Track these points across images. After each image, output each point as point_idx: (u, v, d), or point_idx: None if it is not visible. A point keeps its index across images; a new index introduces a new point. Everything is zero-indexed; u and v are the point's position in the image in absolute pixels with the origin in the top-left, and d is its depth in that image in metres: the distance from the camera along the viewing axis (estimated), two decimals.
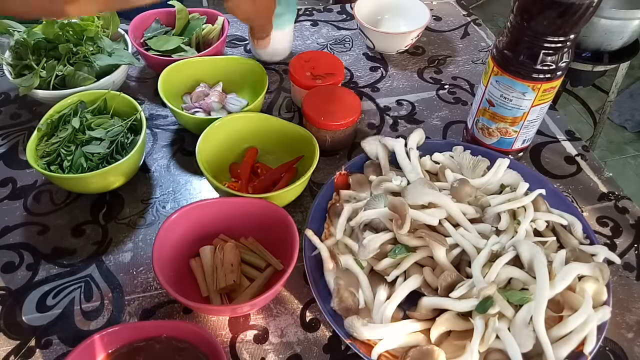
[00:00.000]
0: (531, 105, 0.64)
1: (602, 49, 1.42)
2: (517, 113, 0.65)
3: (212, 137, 0.67)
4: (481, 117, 0.69)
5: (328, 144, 0.74)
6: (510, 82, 0.62)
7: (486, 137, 0.70)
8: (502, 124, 0.67)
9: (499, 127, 0.68)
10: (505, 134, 0.69)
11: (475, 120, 0.71)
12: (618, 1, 1.46)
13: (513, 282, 0.54)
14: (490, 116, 0.68)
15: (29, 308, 0.58)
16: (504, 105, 0.65)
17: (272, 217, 0.59)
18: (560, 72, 0.60)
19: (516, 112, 0.65)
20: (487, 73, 0.66)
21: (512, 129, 0.67)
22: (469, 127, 0.74)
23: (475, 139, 0.73)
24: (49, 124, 0.68)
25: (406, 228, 0.54)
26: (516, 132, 0.68)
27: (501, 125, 0.68)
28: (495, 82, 0.64)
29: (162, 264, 0.54)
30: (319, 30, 1.01)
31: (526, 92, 0.62)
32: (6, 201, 0.68)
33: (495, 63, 0.63)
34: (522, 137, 0.69)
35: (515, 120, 0.66)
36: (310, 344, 0.56)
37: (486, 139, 0.70)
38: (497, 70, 0.63)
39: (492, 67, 0.64)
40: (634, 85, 2.27)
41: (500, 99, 0.65)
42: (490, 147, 0.71)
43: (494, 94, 0.65)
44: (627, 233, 0.67)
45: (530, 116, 0.65)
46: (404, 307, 0.56)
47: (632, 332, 0.58)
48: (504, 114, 0.66)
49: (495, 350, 0.51)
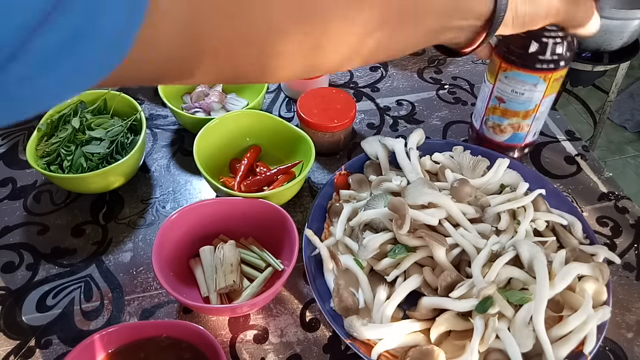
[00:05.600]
0: (542, 97, 0.64)
1: (602, 49, 1.42)
2: (530, 106, 0.65)
3: (210, 136, 0.68)
4: (491, 115, 0.69)
5: (325, 145, 0.74)
6: (521, 75, 0.62)
7: (497, 135, 0.70)
8: (514, 119, 0.67)
9: (511, 123, 0.68)
10: (518, 129, 0.68)
11: (484, 120, 0.70)
12: (618, 1, 1.46)
13: (513, 282, 0.54)
14: (502, 113, 0.67)
15: (29, 308, 0.58)
16: (515, 100, 0.65)
17: (272, 217, 0.59)
18: (569, 59, 0.61)
19: (528, 105, 0.65)
20: (494, 71, 0.65)
21: (524, 123, 0.67)
22: (475, 127, 0.73)
23: (484, 137, 0.72)
24: (49, 124, 0.68)
25: (406, 228, 0.54)
26: (529, 125, 0.67)
27: (514, 121, 0.67)
28: (505, 78, 0.64)
29: (162, 264, 0.54)
30: None
31: (537, 83, 0.62)
32: (6, 201, 0.68)
33: (503, 59, 0.63)
34: (533, 130, 0.69)
35: (527, 114, 0.66)
36: (310, 344, 0.56)
37: (497, 136, 0.70)
38: (506, 66, 0.63)
39: (499, 64, 0.64)
40: (634, 85, 2.27)
41: (512, 94, 0.64)
42: (502, 143, 0.71)
43: (504, 90, 0.65)
44: (627, 233, 0.67)
45: (542, 107, 0.65)
46: (404, 307, 0.56)
47: (631, 332, 0.58)
48: (517, 108, 0.66)
49: (495, 350, 0.51)
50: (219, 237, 0.62)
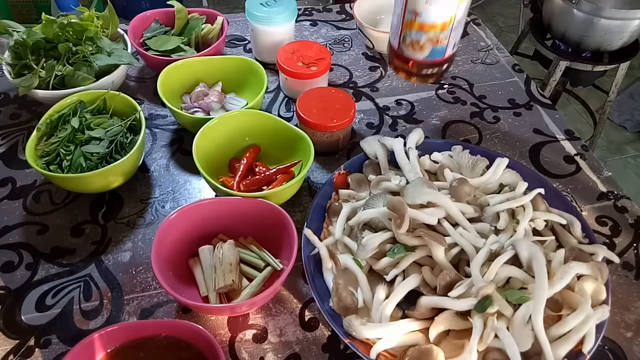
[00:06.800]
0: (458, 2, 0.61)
1: (602, 49, 1.42)
2: (446, 16, 0.62)
3: (209, 135, 0.68)
4: (408, 31, 0.65)
5: (324, 145, 0.74)
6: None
7: (417, 52, 0.67)
8: (432, 32, 0.64)
9: (429, 37, 0.64)
10: (436, 43, 0.65)
11: (402, 37, 0.67)
12: (618, 1, 1.46)
13: (512, 282, 0.54)
14: (419, 27, 0.64)
15: (28, 307, 0.58)
16: (431, 11, 0.62)
17: (271, 217, 0.59)
18: None
19: (445, 15, 0.62)
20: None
21: (442, 35, 0.64)
22: (394, 47, 0.70)
23: (404, 57, 0.69)
24: (49, 124, 0.68)
25: (405, 227, 0.54)
26: (447, 37, 0.65)
27: (431, 34, 0.64)
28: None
29: (161, 263, 0.54)
30: (319, 30, 1.01)
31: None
32: (5, 201, 0.68)
33: None
34: (452, 42, 0.66)
35: (445, 25, 0.63)
36: (309, 343, 0.56)
37: (417, 53, 0.67)
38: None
39: None
40: (634, 85, 2.27)
41: (427, 5, 0.61)
42: (423, 61, 0.68)
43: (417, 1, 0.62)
44: (626, 232, 0.67)
45: (458, 15, 0.63)
46: (403, 306, 0.56)
47: (631, 331, 0.58)
48: (433, 20, 0.63)
49: (494, 349, 0.51)
50: (218, 237, 0.62)
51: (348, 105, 0.73)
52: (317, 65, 0.79)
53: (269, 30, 0.86)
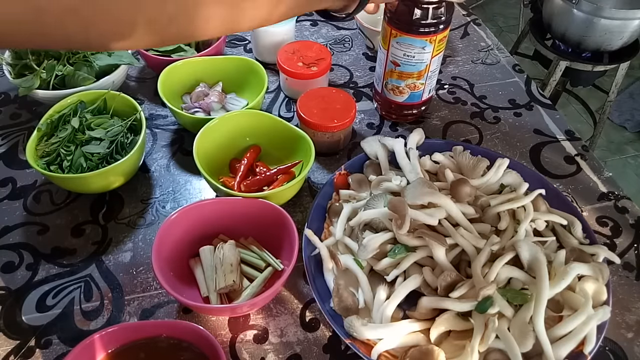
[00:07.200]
0: (431, 57, 0.71)
1: (602, 49, 1.42)
2: (421, 67, 0.72)
3: (210, 135, 0.68)
4: (389, 78, 0.75)
5: (325, 145, 0.74)
6: (410, 40, 0.69)
7: (398, 96, 0.76)
8: (410, 80, 0.74)
9: (407, 84, 0.74)
10: (414, 89, 0.75)
11: (384, 83, 0.77)
12: (618, 1, 1.47)
13: (513, 282, 0.54)
14: (398, 76, 0.74)
15: (29, 308, 0.58)
16: (408, 63, 0.71)
17: (272, 217, 0.59)
18: (448, 20, 0.68)
19: (420, 66, 0.72)
20: (386, 38, 0.71)
21: (419, 82, 0.74)
22: (378, 90, 0.79)
23: (387, 100, 0.78)
24: (49, 124, 0.68)
25: (406, 228, 0.54)
26: (423, 84, 0.75)
27: (409, 82, 0.74)
28: (397, 44, 0.70)
29: (161, 264, 0.54)
30: (319, 30, 1.01)
31: (425, 45, 0.69)
32: (6, 201, 0.68)
33: (392, 27, 0.69)
34: (427, 88, 0.76)
35: (420, 74, 0.73)
36: (310, 344, 0.56)
37: (398, 97, 0.77)
38: (396, 33, 0.69)
39: (389, 31, 0.70)
40: (634, 85, 2.27)
41: (405, 58, 0.71)
42: (403, 103, 0.77)
43: (397, 54, 0.71)
44: (626, 233, 0.67)
45: (432, 66, 0.73)
46: (404, 307, 0.56)
47: (631, 332, 0.58)
48: (410, 70, 0.72)
49: (495, 350, 0.51)
50: (218, 237, 0.62)
51: (349, 106, 0.73)
52: (317, 65, 0.79)
53: (270, 31, 0.86)
